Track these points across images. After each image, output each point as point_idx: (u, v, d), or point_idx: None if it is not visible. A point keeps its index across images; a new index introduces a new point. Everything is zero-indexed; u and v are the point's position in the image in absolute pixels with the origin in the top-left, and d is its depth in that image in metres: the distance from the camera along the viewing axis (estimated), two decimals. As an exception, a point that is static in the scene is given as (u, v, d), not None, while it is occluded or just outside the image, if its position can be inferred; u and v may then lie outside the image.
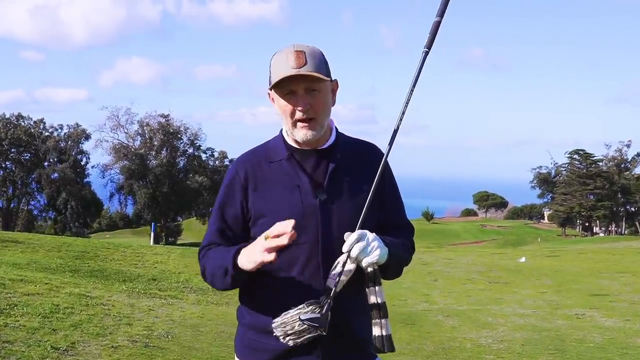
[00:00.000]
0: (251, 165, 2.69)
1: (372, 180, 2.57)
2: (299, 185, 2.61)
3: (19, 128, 78.51)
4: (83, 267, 16.29)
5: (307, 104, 2.54)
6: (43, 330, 7.57)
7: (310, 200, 2.59)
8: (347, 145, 2.75)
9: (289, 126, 2.60)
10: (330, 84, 2.64)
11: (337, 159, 2.67)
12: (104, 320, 8.76)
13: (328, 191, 2.61)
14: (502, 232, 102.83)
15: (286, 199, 2.59)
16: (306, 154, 2.67)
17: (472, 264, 23.62)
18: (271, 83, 2.56)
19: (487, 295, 15.32)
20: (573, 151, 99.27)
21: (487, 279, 18.91)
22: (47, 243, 20.47)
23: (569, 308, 12.88)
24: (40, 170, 78.86)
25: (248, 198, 2.65)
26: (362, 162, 2.73)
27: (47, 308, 8.77)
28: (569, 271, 21.24)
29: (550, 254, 33.76)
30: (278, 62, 2.55)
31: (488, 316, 11.86)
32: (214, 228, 2.72)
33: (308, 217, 2.56)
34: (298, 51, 2.52)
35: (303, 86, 2.53)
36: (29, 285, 10.39)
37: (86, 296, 10.39)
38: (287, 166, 2.65)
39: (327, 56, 2.68)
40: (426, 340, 9.51)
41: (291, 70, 2.48)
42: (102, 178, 79.63)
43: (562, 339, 9.61)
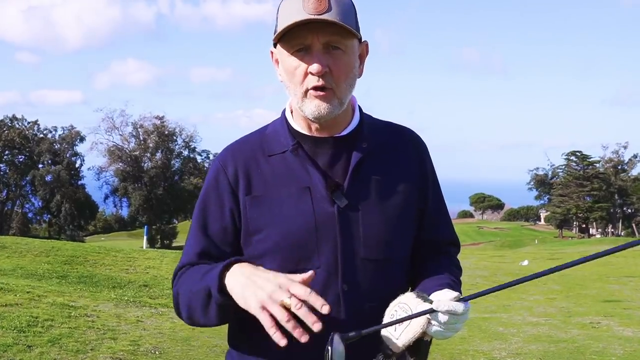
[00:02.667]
0: (243, 160, 1.96)
1: (413, 181, 2.00)
2: (309, 187, 1.89)
3: (12, 130, 78.16)
4: (71, 273, 15.62)
5: (326, 65, 1.80)
6: (17, 347, 6.88)
7: (325, 208, 1.87)
8: (376, 130, 2.01)
9: (297, 97, 1.86)
10: (358, 44, 1.90)
11: (362, 149, 1.94)
12: (86, 333, 8.06)
13: (350, 194, 1.89)
14: (499, 234, 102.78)
15: (292, 207, 1.88)
16: (320, 143, 1.94)
17: (475, 268, 23.02)
18: (276, 33, 1.83)
19: (494, 301, 14.66)
20: (570, 153, 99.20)
21: (492, 284, 18.26)
22: (35, 247, 19.77)
23: (583, 316, 12.22)
24: (35, 172, 78.47)
25: (239, 205, 1.93)
26: (398, 155, 2.02)
27: (24, 321, 8.07)
28: (575, 275, 20.63)
29: (552, 257, 33.39)
30: (291, 5, 1.81)
31: (498, 325, 11.18)
32: (194, 247, 1.97)
33: (323, 230, 1.86)
34: None
35: (323, 40, 1.80)
36: (8, 295, 9.70)
37: (69, 306, 9.69)
38: (292, 161, 1.92)
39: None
40: (436, 354, 8.84)
41: (306, 16, 1.75)
42: (96, 180, 79.36)
43: (581, 352, 8.94)
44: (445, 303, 1.60)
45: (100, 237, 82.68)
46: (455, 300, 1.62)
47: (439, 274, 1.92)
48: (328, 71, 1.81)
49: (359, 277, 1.86)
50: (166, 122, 79.85)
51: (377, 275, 1.90)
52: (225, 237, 1.95)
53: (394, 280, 1.93)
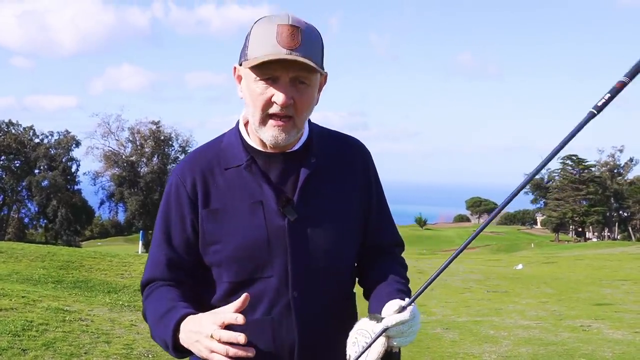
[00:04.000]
0: (200, 172, 2.06)
1: (359, 191, 2.15)
2: (262, 202, 2.01)
3: (8, 135, 78.17)
4: (67, 278, 15.69)
5: (291, 98, 1.93)
6: (12, 351, 6.97)
7: (277, 221, 2.00)
8: (324, 143, 2.15)
9: (256, 120, 1.98)
10: (319, 77, 2.03)
11: (311, 164, 2.07)
12: (80, 337, 8.15)
13: (299, 208, 2.02)
14: (495, 238, 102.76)
15: (245, 220, 2.00)
16: (272, 158, 2.06)
17: (469, 272, 23.09)
18: (247, 58, 1.95)
19: (486, 305, 14.75)
20: (566, 156, 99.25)
21: (485, 287, 18.36)
22: (31, 252, 19.82)
23: (574, 319, 12.32)
24: (31, 178, 78.48)
25: (198, 217, 2.04)
26: (345, 167, 2.16)
27: (18, 325, 8.16)
28: (569, 279, 20.73)
29: (547, 261, 33.39)
30: (263, 34, 1.93)
31: (489, 328, 11.28)
32: (160, 258, 2.08)
33: (274, 242, 1.99)
34: (293, 26, 1.91)
35: (291, 75, 1.92)
36: (3, 300, 9.78)
37: (64, 311, 9.78)
38: (246, 175, 2.04)
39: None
40: (426, 357, 8.93)
41: (280, 51, 1.87)
42: (93, 185, 79.43)
43: (571, 354, 9.04)
44: (392, 318, 1.75)
45: (96, 242, 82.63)
46: (399, 311, 1.76)
47: (387, 279, 2.07)
48: (292, 103, 1.93)
49: (308, 285, 2.00)
50: (162, 127, 79.99)
51: (326, 282, 2.05)
52: (188, 248, 2.06)
53: (342, 286, 2.13)
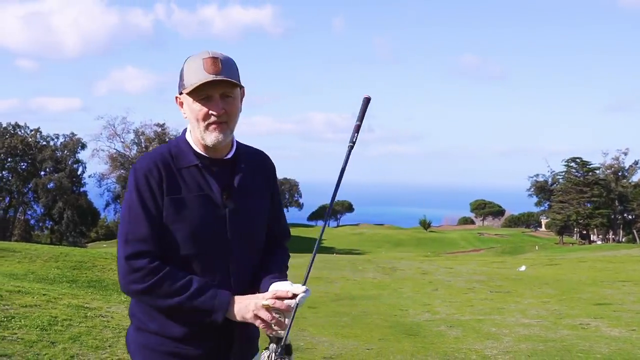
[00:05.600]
0: (162, 167, 2.66)
1: (268, 189, 2.90)
2: (209, 195, 2.67)
3: (15, 137, 78.48)
4: (81, 278, 16.15)
5: (222, 108, 2.63)
6: (41, 344, 7.40)
7: (220, 210, 2.68)
8: (247, 154, 2.87)
9: (200, 129, 2.65)
10: (240, 91, 2.73)
11: (241, 168, 2.78)
12: (103, 332, 8.60)
13: (235, 201, 2.71)
14: (500, 241, 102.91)
15: (197, 208, 2.64)
16: (214, 162, 2.74)
17: (473, 273, 23.48)
18: (186, 87, 2.63)
19: (489, 304, 15.16)
20: (570, 159, 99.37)
21: (488, 288, 18.77)
22: (44, 253, 20.28)
23: (573, 318, 12.72)
24: (37, 180, 78.85)
25: (163, 199, 2.63)
26: (260, 172, 2.89)
27: (45, 320, 8.60)
28: (571, 280, 21.11)
29: (550, 263, 33.69)
30: (193, 68, 2.62)
31: (492, 326, 11.70)
32: (142, 232, 2.61)
33: (218, 227, 2.67)
34: (214, 57, 2.61)
35: (219, 91, 2.62)
36: (27, 297, 10.22)
37: (84, 307, 10.22)
38: (196, 174, 2.69)
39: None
40: (430, 352, 9.35)
41: (208, 76, 2.57)
42: (98, 187, 79.66)
43: (568, 350, 9.45)
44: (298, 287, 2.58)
45: (102, 244, 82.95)
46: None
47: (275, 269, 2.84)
48: (224, 112, 2.64)
49: (241, 258, 2.72)
50: (167, 129, 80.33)
51: (251, 255, 2.79)
52: (158, 225, 2.61)
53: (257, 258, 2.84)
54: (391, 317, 13.45)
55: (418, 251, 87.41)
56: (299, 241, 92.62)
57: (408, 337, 10.62)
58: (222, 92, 2.63)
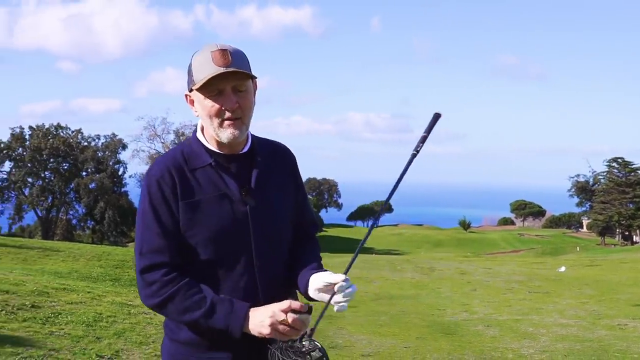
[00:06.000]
0: (175, 171, 2.53)
1: (290, 181, 2.76)
2: (226, 194, 2.54)
3: (57, 138, 79.55)
4: (123, 276, 16.47)
5: (236, 102, 2.48)
6: (87, 339, 7.66)
7: (240, 209, 2.54)
8: (264, 147, 2.72)
9: (214, 126, 2.51)
10: (253, 83, 2.59)
11: (258, 162, 2.64)
12: (146, 329, 8.84)
13: (255, 197, 2.57)
14: (540, 241, 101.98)
15: (215, 209, 2.51)
16: (229, 158, 2.60)
17: (512, 274, 23.44)
18: (195, 83, 2.48)
19: (527, 304, 15.18)
20: (612, 159, 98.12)
21: (527, 288, 18.75)
22: (87, 252, 20.73)
23: (612, 318, 12.71)
24: (79, 180, 79.80)
25: (178, 207, 2.51)
26: (279, 164, 2.75)
27: (90, 317, 8.87)
28: (610, 281, 20.98)
29: (591, 264, 33.42)
30: (202, 62, 2.48)
31: (529, 326, 11.75)
32: (158, 243, 2.49)
33: (240, 225, 2.53)
34: (222, 49, 2.46)
35: (231, 84, 2.47)
36: (72, 294, 10.51)
37: (128, 305, 10.48)
38: (211, 173, 2.56)
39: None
40: (467, 350, 9.45)
41: (218, 69, 2.42)
42: (138, 187, 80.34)
43: (605, 350, 9.49)
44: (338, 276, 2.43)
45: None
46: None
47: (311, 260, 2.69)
48: (238, 106, 2.49)
49: (266, 257, 2.56)
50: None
51: (276, 253, 2.64)
52: (175, 233, 2.49)
53: (285, 255, 2.70)
54: (429, 316, 13.54)
55: (457, 252, 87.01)
56: (338, 241, 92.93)
57: (445, 336, 10.71)
58: (234, 86, 2.48)
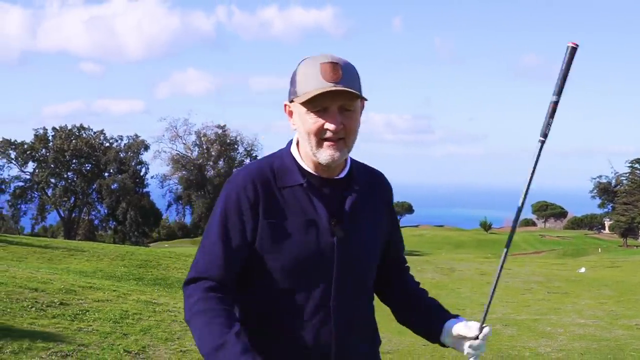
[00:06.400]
0: (261, 185, 2.30)
1: (385, 215, 2.52)
2: (315, 220, 2.29)
3: (80, 139, 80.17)
4: (147, 276, 16.72)
5: (340, 123, 2.25)
6: (115, 335, 7.91)
7: (327, 239, 2.29)
8: (362, 174, 2.49)
9: (312, 145, 2.27)
10: (361, 103, 2.35)
11: (355, 190, 2.40)
12: (171, 326, 9.08)
13: (345, 228, 2.32)
14: (561, 243, 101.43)
15: (300, 236, 2.27)
16: (323, 182, 2.36)
17: (531, 274, 23.49)
18: (298, 96, 2.27)
19: (546, 305, 15.29)
20: (634, 160, 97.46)
21: (546, 289, 18.83)
22: (110, 252, 21.02)
23: (629, 318, 12.82)
24: (101, 181, 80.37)
25: (258, 225, 2.28)
26: (376, 195, 2.52)
27: (117, 314, 9.12)
28: (630, 282, 21.02)
29: (611, 265, 33.39)
30: (309, 73, 2.26)
31: (547, 326, 11.89)
32: (217, 255, 2.28)
33: (323, 258, 2.28)
34: (334, 63, 2.23)
35: (338, 103, 2.24)
36: (98, 292, 10.76)
37: (153, 303, 10.73)
38: (301, 195, 2.31)
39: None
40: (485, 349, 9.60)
41: (327, 85, 2.20)
42: (160, 188, 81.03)
43: (621, 349, 9.63)
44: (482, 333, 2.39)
45: (163, 244, 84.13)
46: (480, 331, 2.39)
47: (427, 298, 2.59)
48: (342, 127, 2.25)
49: (345, 296, 2.32)
50: (228, 131, 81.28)
51: (359, 293, 2.41)
52: (243, 251, 2.29)
53: (368, 296, 2.51)
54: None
55: (478, 253, 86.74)
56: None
57: (463, 335, 10.88)
58: (341, 105, 2.24)
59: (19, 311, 8.40)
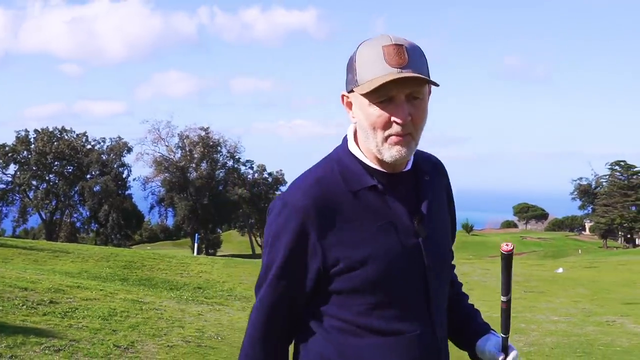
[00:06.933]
0: (325, 200, 1.97)
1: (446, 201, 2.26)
2: (393, 222, 2.00)
3: (62, 141, 80.00)
4: (132, 276, 17.02)
5: (408, 115, 1.95)
6: (104, 331, 8.24)
7: (411, 241, 2.01)
8: (425, 163, 2.20)
9: (376, 141, 1.97)
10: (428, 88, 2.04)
11: (426, 182, 2.12)
12: (157, 323, 9.41)
13: (427, 226, 2.05)
14: (542, 244, 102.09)
15: (383, 244, 1.98)
16: (392, 178, 2.06)
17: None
18: (359, 84, 1.97)
19: (521, 303, 15.70)
20: (614, 162, 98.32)
21: (523, 288, 19.25)
22: (95, 253, 21.29)
23: (601, 315, 13.28)
24: (83, 183, 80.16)
25: (325, 251, 1.97)
26: (440, 183, 2.23)
27: (105, 311, 9.44)
28: (605, 281, 21.51)
29: (589, 266, 33.89)
30: (370, 58, 1.96)
31: (521, 322, 12.28)
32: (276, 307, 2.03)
33: (411, 260, 2.01)
34: (397, 45, 1.94)
35: (405, 91, 1.94)
36: (86, 292, 11.06)
37: (139, 302, 11.04)
38: (374, 198, 2.01)
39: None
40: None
41: (391, 71, 1.91)
42: (143, 190, 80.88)
43: (591, 343, 10.05)
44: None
45: (145, 247, 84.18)
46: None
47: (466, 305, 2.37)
48: (410, 119, 1.95)
49: (439, 296, 2.10)
50: (211, 133, 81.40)
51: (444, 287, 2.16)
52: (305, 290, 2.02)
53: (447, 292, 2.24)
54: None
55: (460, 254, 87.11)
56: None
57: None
58: (409, 92, 1.94)
59: (10, 309, 8.71)
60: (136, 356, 7.35)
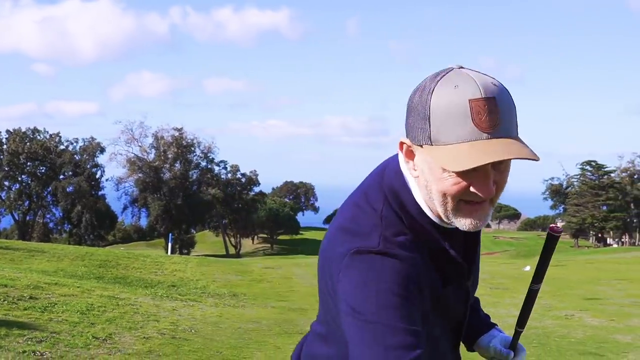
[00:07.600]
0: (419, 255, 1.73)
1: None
2: (460, 281, 1.87)
3: (35, 142, 79.78)
4: (107, 275, 17.38)
5: (493, 186, 1.65)
6: (83, 324, 8.64)
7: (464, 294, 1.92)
8: None
9: (446, 208, 1.68)
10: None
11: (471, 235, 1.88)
12: (134, 317, 9.83)
13: (473, 273, 1.94)
14: (514, 244, 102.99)
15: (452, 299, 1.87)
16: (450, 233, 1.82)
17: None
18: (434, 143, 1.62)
19: (486, 299, 16.20)
20: (585, 162, 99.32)
21: (489, 285, 19.76)
22: (70, 253, 21.57)
23: (560, 310, 13.81)
24: (56, 183, 79.99)
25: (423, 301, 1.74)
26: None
27: (83, 306, 9.84)
28: (569, 279, 22.06)
29: (557, 264, 34.50)
30: (454, 112, 1.58)
31: (484, 317, 12.79)
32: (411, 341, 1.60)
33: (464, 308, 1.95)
34: (488, 99, 1.58)
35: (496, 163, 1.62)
36: (64, 288, 11.43)
37: (115, 298, 11.43)
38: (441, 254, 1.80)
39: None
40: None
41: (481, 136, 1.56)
42: (116, 191, 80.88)
43: (547, 335, 10.58)
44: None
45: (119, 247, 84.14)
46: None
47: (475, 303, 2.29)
48: (494, 190, 1.66)
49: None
50: (184, 134, 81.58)
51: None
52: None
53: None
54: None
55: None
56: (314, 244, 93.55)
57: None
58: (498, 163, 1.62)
59: (-8, 304, 9.08)
60: (114, 346, 7.76)
